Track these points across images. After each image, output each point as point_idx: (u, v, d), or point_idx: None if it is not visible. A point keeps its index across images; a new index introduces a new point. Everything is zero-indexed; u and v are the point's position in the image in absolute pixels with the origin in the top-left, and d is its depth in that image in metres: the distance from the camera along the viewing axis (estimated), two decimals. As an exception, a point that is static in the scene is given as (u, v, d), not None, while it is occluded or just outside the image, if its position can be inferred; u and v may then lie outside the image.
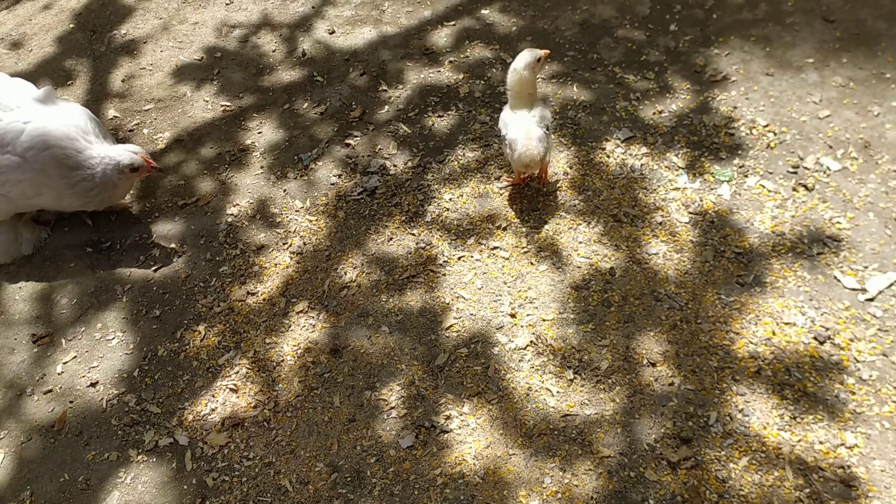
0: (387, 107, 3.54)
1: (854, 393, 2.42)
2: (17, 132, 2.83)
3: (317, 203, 3.20)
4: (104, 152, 2.92)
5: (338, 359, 2.70)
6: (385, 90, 3.61)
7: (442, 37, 3.81)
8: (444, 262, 2.92)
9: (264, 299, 2.91)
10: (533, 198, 3.06)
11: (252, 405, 2.62)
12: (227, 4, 4.21)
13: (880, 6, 3.52)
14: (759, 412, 2.41)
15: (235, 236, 3.14)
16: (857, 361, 2.49)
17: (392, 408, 2.56)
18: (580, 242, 2.91)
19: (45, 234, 3.21)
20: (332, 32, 3.93)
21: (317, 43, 3.90)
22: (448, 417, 2.51)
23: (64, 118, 2.92)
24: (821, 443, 2.33)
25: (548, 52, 2.85)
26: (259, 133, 3.53)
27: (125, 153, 2.93)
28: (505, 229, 2.98)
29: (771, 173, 3.03)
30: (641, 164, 3.12)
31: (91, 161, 2.90)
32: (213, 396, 2.66)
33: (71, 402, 2.73)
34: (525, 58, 2.78)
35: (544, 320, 2.70)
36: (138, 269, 3.08)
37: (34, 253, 3.18)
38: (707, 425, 2.40)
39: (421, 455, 2.44)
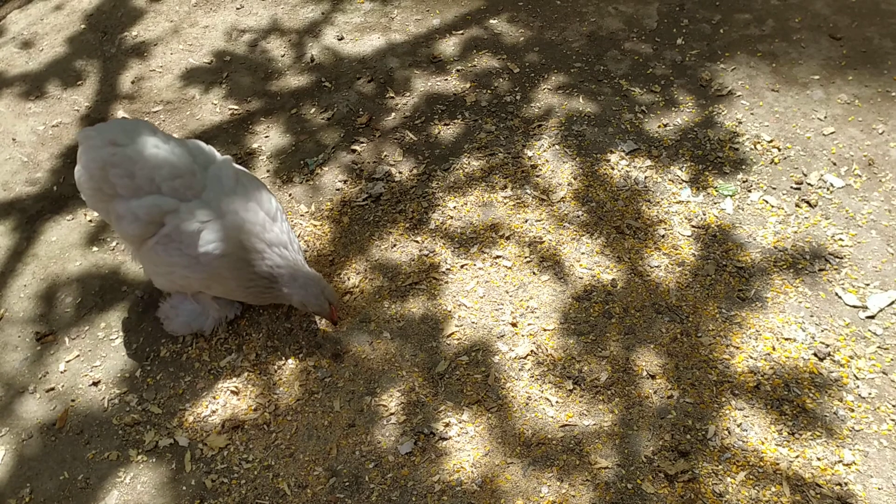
0: (393, 114, 3.56)
1: (853, 410, 2.42)
2: (193, 233, 2.48)
3: (321, 208, 3.22)
4: (293, 279, 2.59)
5: (339, 364, 2.72)
6: (392, 97, 3.63)
7: (450, 45, 3.83)
8: (447, 269, 2.93)
9: (267, 303, 2.93)
10: (536, 208, 3.08)
11: (252, 408, 2.64)
12: (237, 9, 4.25)
13: (887, 24, 3.54)
14: (757, 427, 2.42)
15: (240, 239, 3.15)
16: (857, 379, 2.49)
17: (392, 414, 2.57)
18: (582, 253, 2.92)
19: (234, 313, 2.85)
20: (341, 39, 3.96)
21: (325, 49, 3.93)
22: (447, 425, 2.52)
23: (247, 214, 2.53)
24: (818, 459, 2.33)
25: None
26: (266, 137, 3.55)
27: (316, 298, 2.59)
28: (508, 238, 2.99)
29: (774, 189, 3.04)
30: (645, 177, 3.13)
31: (269, 271, 2.58)
32: (214, 398, 2.68)
33: (72, 400, 2.74)
34: None
35: (545, 330, 2.71)
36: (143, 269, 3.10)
37: (213, 332, 2.83)
38: (705, 439, 2.40)
39: (419, 461, 2.45)
